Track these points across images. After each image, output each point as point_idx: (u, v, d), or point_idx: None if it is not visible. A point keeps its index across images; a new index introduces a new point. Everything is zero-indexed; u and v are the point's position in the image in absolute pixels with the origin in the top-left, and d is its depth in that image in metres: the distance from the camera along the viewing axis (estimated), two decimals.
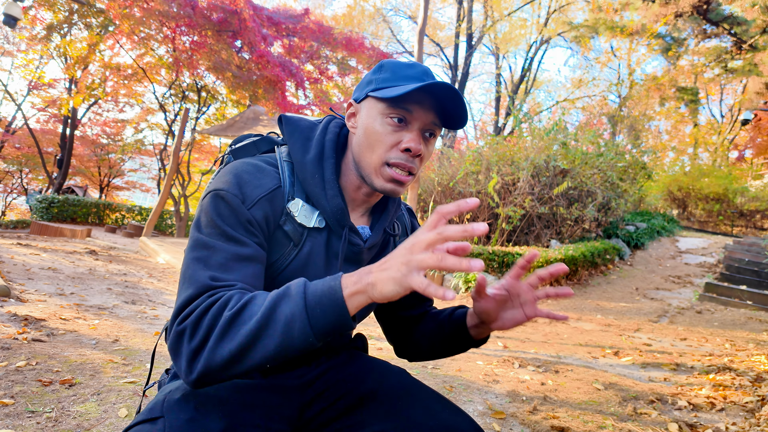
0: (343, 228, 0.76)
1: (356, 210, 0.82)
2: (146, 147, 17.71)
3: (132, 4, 9.98)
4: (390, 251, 0.84)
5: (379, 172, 0.74)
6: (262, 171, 0.73)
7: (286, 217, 0.74)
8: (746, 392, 2.32)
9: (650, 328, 4.19)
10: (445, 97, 0.71)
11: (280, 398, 0.74)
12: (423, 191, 8.83)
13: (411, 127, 0.73)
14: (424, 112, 0.72)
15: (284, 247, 0.74)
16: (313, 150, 0.77)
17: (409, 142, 0.72)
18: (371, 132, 0.73)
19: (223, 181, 0.70)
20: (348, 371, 0.80)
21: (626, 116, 19.38)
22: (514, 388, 2.29)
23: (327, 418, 0.75)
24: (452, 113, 0.74)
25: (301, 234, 0.74)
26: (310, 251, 0.75)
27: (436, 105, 0.73)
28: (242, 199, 0.68)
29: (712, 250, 8.09)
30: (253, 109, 10.64)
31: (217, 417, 0.63)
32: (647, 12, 10.86)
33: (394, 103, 0.72)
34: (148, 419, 0.61)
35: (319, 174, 0.75)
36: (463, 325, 0.83)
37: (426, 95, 0.72)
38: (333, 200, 0.74)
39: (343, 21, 19.26)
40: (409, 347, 0.96)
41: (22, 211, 20.23)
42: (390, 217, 0.84)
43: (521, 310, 0.75)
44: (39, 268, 4.43)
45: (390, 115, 0.72)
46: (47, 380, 1.71)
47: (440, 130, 0.77)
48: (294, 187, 0.76)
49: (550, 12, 18.33)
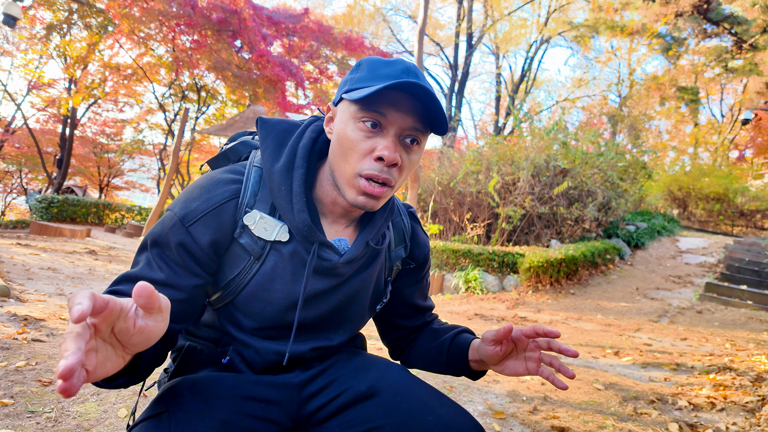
0: (312, 244, 0.70)
1: (338, 222, 0.76)
2: (146, 147, 17.69)
3: (132, 4, 9.98)
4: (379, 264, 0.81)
5: (351, 184, 0.68)
6: (218, 183, 0.70)
7: (242, 229, 0.69)
8: (746, 392, 2.32)
9: (650, 328, 4.19)
10: (425, 97, 0.64)
11: (279, 393, 0.74)
12: (423, 191, 8.82)
13: (386, 133, 0.66)
14: (400, 115, 0.65)
15: (243, 260, 0.70)
16: (284, 158, 0.71)
17: (383, 149, 0.65)
18: (343, 138, 0.67)
19: (177, 199, 0.70)
20: (348, 368, 0.80)
21: (626, 116, 19.38)
22: (514, 388, 2.29)
23: (327, 413, 0.75)
24: (434, 116, 0.67)
25: (262, 247, 0.70)
26: (275, 265, 0.71)
27: (417, 107, 0.66)
28: (182, 220, 0.66)
29: (713, 249, 8.08)
30: (253, 109, 10.64)
31: (220, 409, 0.64)
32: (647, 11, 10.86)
33: (366, 106, 0.65)
34: (152, 415, 0.62)
35: (286, 186, 0.69)
36: (465, 356, 0.82)
37: (403, 96, 0.65)
38: (299, 215, 0.68)
39: (342, 20, 19.26)
40: (404, 357, 0.96)
41: (22, 211, 20.22)
42: (376, 230, 0.76)
43: (524, 364, 0.76)
44: (39, 268, 4.43)
45: (362, 119, 0.65)
46: (47, 380, 1.70)
47: (426, 136, 0.70)
48: (256, 197, 0.71)
49: (550, 11, 18.32)
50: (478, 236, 7.76)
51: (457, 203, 8.41)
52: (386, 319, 0.94)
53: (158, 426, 0.60)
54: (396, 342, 0.97)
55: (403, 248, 0.87)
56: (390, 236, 0.84)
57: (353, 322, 0.82)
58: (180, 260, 0.66)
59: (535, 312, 4.70)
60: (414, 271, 0.90)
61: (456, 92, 19.06)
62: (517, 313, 4.56)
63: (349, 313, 0.80)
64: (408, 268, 0.89)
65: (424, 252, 0.89)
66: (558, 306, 5.06)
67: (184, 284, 0.66)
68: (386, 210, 0.79)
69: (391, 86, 0.62)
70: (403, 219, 0.87)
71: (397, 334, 0.96)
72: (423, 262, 0.90)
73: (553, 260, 5.62)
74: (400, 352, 0.97)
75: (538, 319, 4.33)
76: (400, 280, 0.90)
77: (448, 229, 8.52)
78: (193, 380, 0.68)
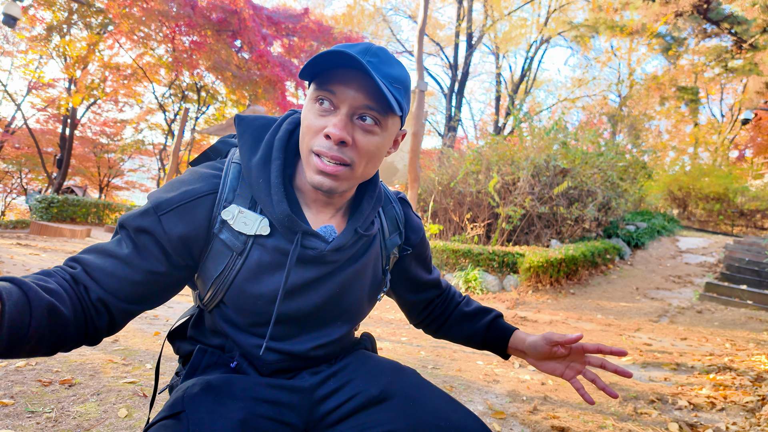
0: (296, 234, 0.70)
1: (323, 211, 0.76)
2: (146, 147, 17.71)
3: (132, 4, 9.98)
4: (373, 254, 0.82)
5: (307, 163, 0.68)
6: (197, 178, 0.70)
7: (221, 224, 0.70)
8: (746, 392, 2.32)
9: (650, 327, 4.19)
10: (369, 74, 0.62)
11: (291, 396, 0.75)
12: (423, 191, 8.82)
13: (337, 112, 0.66)
14: (352, 93, 0.64)
15: (226, 257, 0.71)
16: (261, 151, 0.72)
17: (331, 127, 0.64)
18: (304, 119, 0.69)
19: (156, 189, 0.71)
20: (360, 371, 0.80)
21: (626, 116, 19.39)
22: (514, 388, 2.29)
23: (338, 416, 0.75)
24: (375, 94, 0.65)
25: (243, 242, 0.70)
26: (258, 259, 0.71)
27: (369, 85, 0.64)
28: (155, 206, 0.67)
29: (713, 249, 8.08)
30: (253, 109, 10.64)
31: (236, 408, 0.65)
32: (647, 11, 10.86)
33: (318, 85, 0.66)
34: (170, 415, 0.63)
35: (264, 178, 0.70)
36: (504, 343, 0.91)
37: (354, 73, 0.64)
38: (279, 206, 0.68)
39: (342, 20, 19.27)
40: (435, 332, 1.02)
41: (22, 211, 20.23)
42: (364, 217, 0.77)
43: (563, 369, 0.84)
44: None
45: (317, 98, 0.66)
46: (47, 380, 1.70)
47: (387, 117, 0.68)
48: (235, 192, 0.71)
49: (550, 11, 18.32)
50: (478, 236, 7.76)
51: (457, 203, 8.41)
52: (402, 299, 0.98)
53: (176, 426, 0.60)
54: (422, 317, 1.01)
55: (398, 235, 0.88)
56: (382, 225, 0.85)
57: (351, 312, 0.81)
58: (145, 244, 0.67)
59: (535, 312, 4.70)
60: (412, 256, 0.92)
61: (456, 92, 19.06)
62: (517, 312, 4.56)
63: (345, 303, 0.79)
64: (405, 254, 0.91)
65: (420, 235, 0.91)
66: (558, 306, 5.06)
67: (143, 267, 0.66)
68: (374, 198, 0.79)
69: (321, 54, 0.62)
70: (395, 207, 0.88)
71: (418, 309, 0.99)
72: (419, 244, 0.92)
73: (553, 260, 5.62)
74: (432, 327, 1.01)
75: (538, 319, 4.33)
76: (401, 265, 0.91)
77: (448, 229, 8.52)
78: (207, 381, 0.69)
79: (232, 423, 0.62)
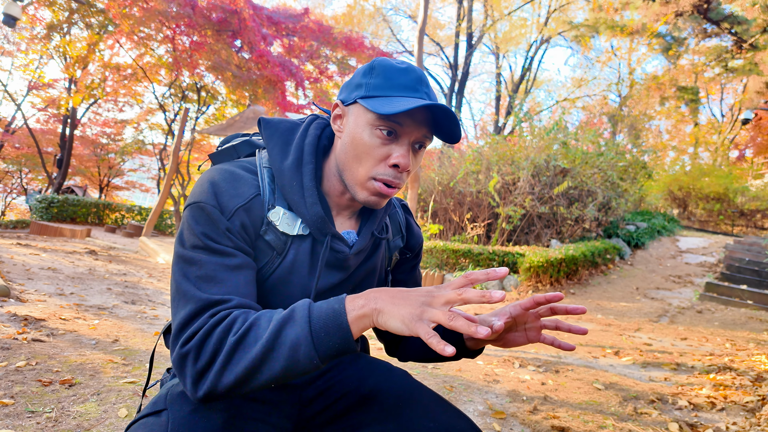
0: (326, 236, 0.73)
1: (342, 213, 0.80)
2: (146, 147, 17.69)
3: (132, 4, 9.97)
4: (381, 254, 0.84)
5: (364, 186, 0.72)
6: (239, 179, 0.71)
7: (267, 226, 0.71)
8: (747, 392, 2.32)
9: (651, 327, 4.19)
10: (439, 110, 0.69)
11: (280, 395, 0.75)
12: (423, 191, 8.82)
13: (401, 141, 0.70)
14: (416, 126, 0.69)
15: (267, 256, 0.72)
16: (292, 155, 0.74)
17: (399, 158, 0.69)
18: (359, 143, 0.70)
19: (200, 192, 0.68)
20: (350, 371, 0.80)
21: (626, 115, 19.38)
22: (514, 387, 2.29)
23: (328, 416, 0.75)
24: (445, 129, 0.72)
25: (284, 242, 0.72)
26: (294, 259, 0.73)
27: (429, 118, 0.70)
28: (220, 210, 0.66)
29: (713, 249, 8.08)
30: (253, 109, 10.62)
31: (219, 409, 0.64)
32: (647, 11, 10.85)
33: (385, 116, 0.68)
34: (152, 412, 0.63)
35: (297, 181, 0.72)
36: (460, 336, 0.82)
37: (421, 109, 0.69)
38: (312, 208, 0.71)
39: (342, 20, 19.25)
40: (400, 348, 0.95)
41: (22, 211, 20.23)
42: (378, 220, 0.81)
43: (524, 334, 0.77)
44: (39, 268, 4.43)
45: (380, 127, 0.69)
46: (47, 380, 1.70)
47: (431, 140, 0.74)
48: (275, 195, 0.73)
49: (551, 11, 18.32)
50: (478, 236, 7.76)
51: (457, 203, 8.41)
52: None
53: (157, 423, 0.60)
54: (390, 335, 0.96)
55: (400, 238, 0.91)
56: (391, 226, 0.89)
57: None
58: (234, 243, 0.67)
59: None
60: (409, 260, 0.94)
61: (456, 92, 19.06)
62: None
63: None
64: (404, 258, 0.93)
65: (419, 242, 0.94)
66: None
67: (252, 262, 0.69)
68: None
69: (420, 107, 0.67)
70: (398, 211, 0.92)
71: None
72: (418, 251, 0.94)
73: (553, 260, 5.62)
74: (396, 346, 0.96)
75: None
76: (396, 271, 0.94)
77: (448, 229, 8.52)
78: None
79: (215, 423, 0.62)
